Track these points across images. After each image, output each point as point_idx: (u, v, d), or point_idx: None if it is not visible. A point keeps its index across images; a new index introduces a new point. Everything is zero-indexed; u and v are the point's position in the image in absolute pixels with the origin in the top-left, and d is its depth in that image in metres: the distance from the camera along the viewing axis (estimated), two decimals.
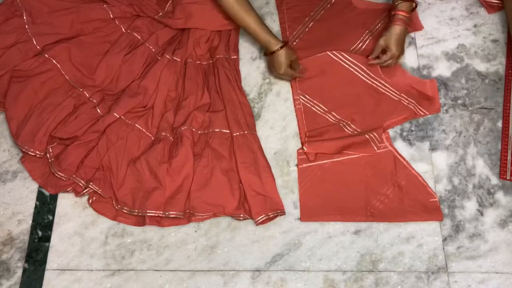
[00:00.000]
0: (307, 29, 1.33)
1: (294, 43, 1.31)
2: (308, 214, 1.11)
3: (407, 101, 1.21)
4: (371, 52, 1.24)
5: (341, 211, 1.11)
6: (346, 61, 1.25)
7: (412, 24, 1.31)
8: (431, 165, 1.15)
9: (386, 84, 1.23)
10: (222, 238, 1.10)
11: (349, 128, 1.19)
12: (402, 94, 1.22)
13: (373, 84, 1.23)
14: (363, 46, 1.29)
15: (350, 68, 1.25)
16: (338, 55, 1.26)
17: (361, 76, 1.24)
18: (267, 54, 1.20)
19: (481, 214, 1.10)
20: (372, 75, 1.24)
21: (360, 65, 1.25)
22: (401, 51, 1.21)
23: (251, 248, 1.08)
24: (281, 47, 1.17)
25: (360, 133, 1.18)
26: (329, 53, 1.26)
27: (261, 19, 1.20)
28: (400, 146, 1.17)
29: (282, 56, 1.18)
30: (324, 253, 1.07)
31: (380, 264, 1.06)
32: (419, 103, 1.21)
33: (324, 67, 1.26)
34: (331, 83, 1.24)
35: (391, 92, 1.22)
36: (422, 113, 1.20)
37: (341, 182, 1.14)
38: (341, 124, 1.19)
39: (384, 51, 1.21)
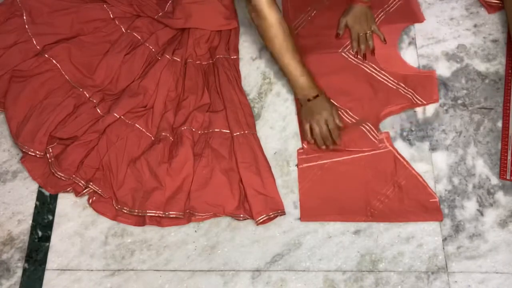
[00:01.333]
0: (309, 18, 1.33)
1: (296, 31, 1.31)
2: (308, 214, 1.11)
3: (405, 90, 1.21)
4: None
5: (341, 211, 1.11)
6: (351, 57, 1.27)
7: (413, 15, 1.32)
8: (431, 165, 1.15)
9: (384, 73, 1.24)
10: (222, 238, 1.10)
11: (346, 115, 1.19)
12: (400, 83, 1.22)
13: (371, 73, 1.24)
14: None
15: (348, 58, 1.26)
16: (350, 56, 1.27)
17: (359, 64, 1.25)
18: (308, 100, 1.14)
19: (481, 214, 1.10)
20: (371, 64, 1.25)
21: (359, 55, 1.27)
22: (365, 28, 1.26)
23: (251, 248, 1.08)
24: (318, 95, 1.14)
25: (355, 124, 1.17)
26: (343, 54, 1.27)
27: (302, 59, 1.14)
28: (400, 146, 1.17)
29: (323, 101, 1.14)
30: (324, 253, 1.07)
31: (380, 264, 1.05)
32: (417, 93, 1.21)
33: (328, 62, 1.27)
34: (329, 71, 1.24)
35: (389, 80, 1.23)
36: (420, 103, 1.20)
37: (341, 182, 1.14)
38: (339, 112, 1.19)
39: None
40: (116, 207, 1.11)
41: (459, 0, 1.36)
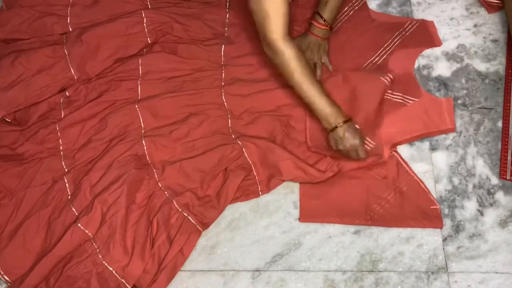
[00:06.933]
0: None
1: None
2: (307, 214, 1.11)
3: (420, 118, 1.17)
4: (386, 67, 1.23)
5: (340, 214, 1.10)
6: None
7: (429, 39, 1.30)
8: (431, 165, 1.15)
9: (399, 99, 1.20)
10: (222, 238, 1.10)
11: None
12: (416, 111, 1.18)
13: (386, 97, 1.20)
14: (380, 61, 1.26)
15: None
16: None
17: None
18: (331, 130, 1.10)
19: (481, 214, 1.10)
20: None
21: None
22: (316, 57, 1.24)
23: (251, 248, 1.08)
24: (345, 122, 1.09)
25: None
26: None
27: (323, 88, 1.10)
28: (400, 146, 1.17)
29: (350, 129, 1.09)
30: (324, 253, 1.07)
31: (380, 264, 1.05)
32: (433, 121, 1.17)
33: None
34: (343, 88, 1.21)
35: (404, 107, 1.19)
36: (437, 131, 1.17)
37: (342, 184, 1.13)
38: None
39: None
40: None
41: (459, 0, 1.36)
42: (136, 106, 1.19)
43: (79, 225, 1.04)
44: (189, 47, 1.27)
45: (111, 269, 1.02)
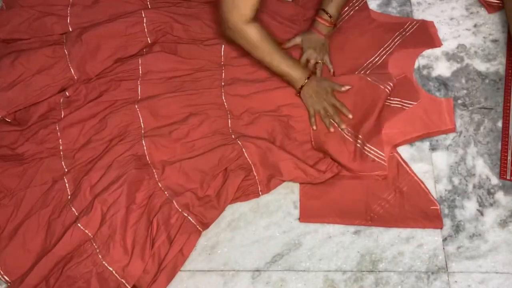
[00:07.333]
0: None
1: None
2: (307, 214, 1.11)
3: (420, 118, 1.17)
4: (386, 67, 1.24)
5: (340, 214, 1.10)
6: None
7: (429, 39, 1.30)
8: (431, 165, 1.15)
9: (398, 100, 1.19)
10: (222, 238, 1.10)
11: (353, 138, 1.15)
12: (415, 112, 1.17)
13: (385, 102, 1.19)
14: (380, 61, 1.26)
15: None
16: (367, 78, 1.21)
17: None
18: (301, 89, 1.17)
19: (481, 214, 1.10)
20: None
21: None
22: (317, 56, 1.25)
23: (251, 248, 1.08)
24: (309, 77, 1.16)
25: (361, 151, 1.13)
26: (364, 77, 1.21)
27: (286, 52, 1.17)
28: (400, 146, 1.17)
29: (317, 80, 1.17)
30: (324, 253, 1.07)
31: (380, 264, 1.05)
32: (433, 121, 1.17)
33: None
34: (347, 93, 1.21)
35: (404, 108, 1.18)
36: (437, 131, 1.17)
37: (342, 184, 1.13)
38: (343, 134, 1.16)
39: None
40: None
41: (459, 0, 1.36)
42: (136, 106, 1.19)
43: (79, 225, 1.04)
44: (189, 47, 1.27)
45: (111, 269, 1.02)
